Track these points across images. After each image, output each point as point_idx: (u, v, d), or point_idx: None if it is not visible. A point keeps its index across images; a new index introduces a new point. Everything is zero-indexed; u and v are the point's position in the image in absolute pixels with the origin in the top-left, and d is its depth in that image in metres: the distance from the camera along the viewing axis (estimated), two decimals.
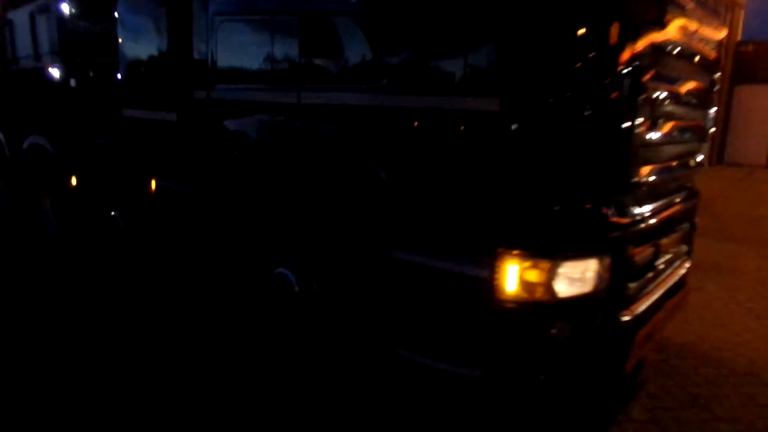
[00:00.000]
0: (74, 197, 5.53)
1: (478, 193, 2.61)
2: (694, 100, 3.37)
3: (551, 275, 2.49)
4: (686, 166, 3.54)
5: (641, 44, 2.46)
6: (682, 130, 3.28)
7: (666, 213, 3.24)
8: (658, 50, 2.62)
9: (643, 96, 2.55)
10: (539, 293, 2.52)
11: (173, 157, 4.29)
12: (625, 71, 2.41)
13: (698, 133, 3.64)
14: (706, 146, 3.85)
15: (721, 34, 3.55)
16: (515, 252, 2.51)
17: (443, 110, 2.62)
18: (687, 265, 3.90)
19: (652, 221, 3.03)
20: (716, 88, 3.77)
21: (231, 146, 3.78)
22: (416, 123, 2.72)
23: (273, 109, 3.44)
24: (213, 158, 3.92)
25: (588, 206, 2.62)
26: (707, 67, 3.50)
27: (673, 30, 2.76)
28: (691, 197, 3.79)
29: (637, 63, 2.44)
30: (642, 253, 2.96)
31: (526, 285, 2.51)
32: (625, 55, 2.40)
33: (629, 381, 3.51)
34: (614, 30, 2.37)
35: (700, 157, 3.78)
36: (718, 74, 3.79)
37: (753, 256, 7.22)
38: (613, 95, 2.42)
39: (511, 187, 2.54)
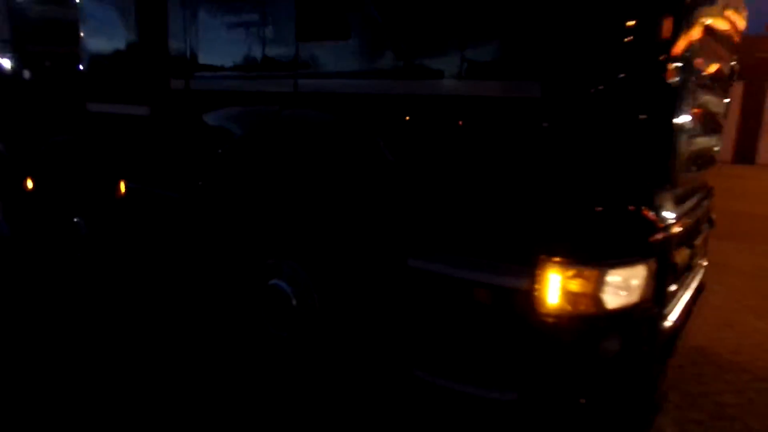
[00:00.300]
0: (30, 201, 4.97)
1: (512, 191, 2.29)
2: (720, 90, 3.15)
3: (598, 285, 2.19)
4: (712, 160, 3.32)
5: (695, 26, 2.19)
6: (712, 121, 3.05)
7: (698, 211, 3.01)
8: (708, 34, 2.36)
9: (694, 83, 2.28)
10: (585, 305, 2.21)
11: (146, 156, 3.84)
12: (679, 55, 2.13)
13: (720, 124, 3.43)
14: (722, 138, 3.65)
15: (744, 17, 3.34)
16: (557, 259, 2.20)
17: (473, 97, 2.28)
18: (705, 264, 3.70)
19: (689, 220, 2.78)
20: (735, 77, 3.56)
21: (214, 142, 3.36)
22: (440, 111, 2.38)
23: (265, 100, 3.04)
24: (193, 156, 3.49)
25: (632, 206, 2.33)
26: (731, 53, 3.28)
27: (719, 11, 2.50)
28: (710, 193, 3.59)
29: (691, 46, 2.17)
30: (681, 255, 2.70)
31: (570, 296, 2.20)
32: (680, 38, 2.12)
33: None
34: (669, 9, 2.08)
35: (717, 150, 3.57)
36: (735, 62, 3.58)
37: (741, 252, 7.19)
38: (666, 82, 2.13)
39: (551, 185, 2.22)
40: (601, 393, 2.35)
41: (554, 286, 2.21)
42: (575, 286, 2.19)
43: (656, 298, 2.42)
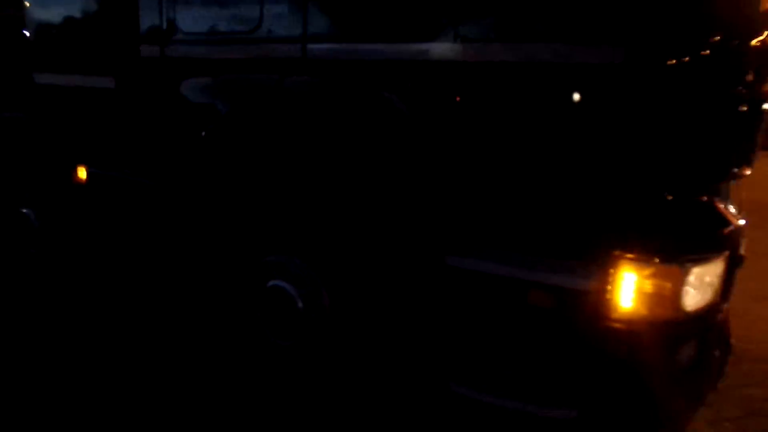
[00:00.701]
0: None
1: (578, 175, 1.95)
2: None
3: (679, 285, 1.90)
4: None
5: None
6: None
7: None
8: None
9: None
10: (663, 309, 1.92)
11: (111, 136, 3.28)
12: None
13: None
14: None
15: None
16: (633, 256, 1.88)
17: (535, 64, 1.91)
18: None
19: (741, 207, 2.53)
20: None
21: (197, 120, 2.87)
22: (492, 80, 2.01)
23: (262, 68, 2.57)
24: (171, 136, 2.99)
25: (708, 192, 2.05)
26: None
27: None
28: None
29: None
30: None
31: (647, 299, 1.91)
32: None
33: None
34: None
35: None
36: None
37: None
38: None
39: (625, 168, 1.89)
40: (667, 405, 2.08)
41: (629, 287, 1.90)
42: (654, 286, 1.89)
43: (724, 295, 2.16)
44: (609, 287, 1.91)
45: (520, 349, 2.11)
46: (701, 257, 1.93)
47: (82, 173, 3.43)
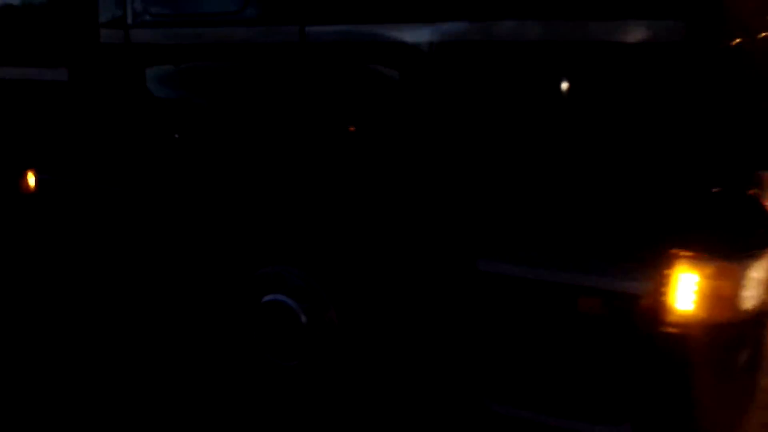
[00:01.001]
0: None
1: (629, 164, 1.77)
2: None
3: (738, 283, 1.75)
4: None
5: None
6: None
7: None
8: None
9: None
10: (721, 310, 1.77)
11: (66, 136, 2.86)
12: None
13: None
14: None
15: None
16: (692, 254, 1.72)
17: (579, 43, 1.71)
18: None
19: None
20: None
21: (170, 117, 2.53)
22: (532, 62, 1.79)
23: (250, 55, 2.26)
24: (138, 137, 2.63)
25: (753, 185, 1.91)
26: None
27: None
28: None
29: None
30: None
31: (706, 300, 1.74)
32: None
33: None
34: None
35: None
36: None
37: None
38: None
39: (682, 159, 1.72)
40: (727, 412, 1.94)
41: (687, 289, 1.73)
42: (713, 286, 1.73)
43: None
44: (665, 289, 1.74)
45: (566, 361, 1.91)
46: (757, 253, 1.79)
47: (30, 180, 2.99)
